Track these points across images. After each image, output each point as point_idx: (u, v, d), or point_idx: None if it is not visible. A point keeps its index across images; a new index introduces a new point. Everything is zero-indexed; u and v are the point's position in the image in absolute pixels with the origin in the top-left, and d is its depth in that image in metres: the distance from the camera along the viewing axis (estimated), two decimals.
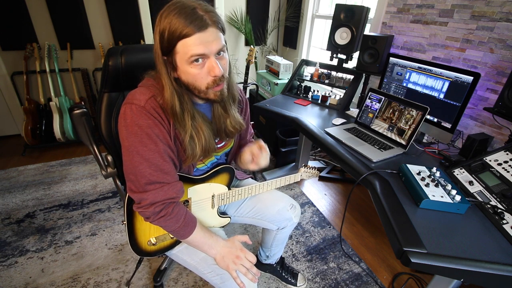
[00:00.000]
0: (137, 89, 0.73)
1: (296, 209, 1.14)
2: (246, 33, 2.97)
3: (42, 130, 2.44)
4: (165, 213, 0.74)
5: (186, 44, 0.64)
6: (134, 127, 0.68)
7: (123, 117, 0.70)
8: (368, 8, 1.77)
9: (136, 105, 0.69)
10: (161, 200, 0.72)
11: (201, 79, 0.69)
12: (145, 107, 0.69)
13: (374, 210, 1.91)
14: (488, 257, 0.73)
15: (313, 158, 2.54)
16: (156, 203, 0.72)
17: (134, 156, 0.69)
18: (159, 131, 0.71)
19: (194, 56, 0.65)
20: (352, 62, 1.95)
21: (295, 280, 1.37)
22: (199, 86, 0.70)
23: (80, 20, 2.41)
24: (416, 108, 1.27)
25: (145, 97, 0.70)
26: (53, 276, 1.37)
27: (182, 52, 0.65)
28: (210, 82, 0.70)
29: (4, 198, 1.89)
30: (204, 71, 0.68)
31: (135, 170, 0.70)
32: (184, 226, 0.78)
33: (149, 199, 0.71)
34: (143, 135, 0.69)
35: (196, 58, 0.65)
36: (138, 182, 0.71)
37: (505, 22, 1.25)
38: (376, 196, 0.97)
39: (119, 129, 0.71)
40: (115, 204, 1.87)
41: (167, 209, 0.74)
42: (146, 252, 0.90)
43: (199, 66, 0.67)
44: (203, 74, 0.68)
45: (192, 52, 0.64)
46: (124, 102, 0.71)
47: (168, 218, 0.74)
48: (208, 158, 0.93)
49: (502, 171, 0.96)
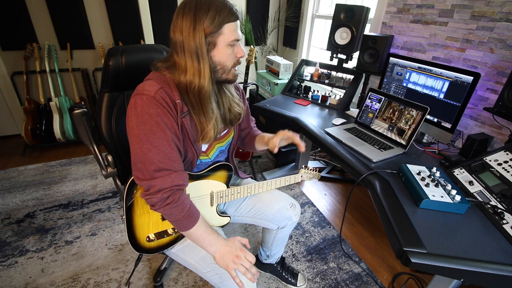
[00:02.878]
0: (146, 82, 0.77)
1: (296, 208, 1.14)
2: (246, 33, 2.97)
3: (42, 130, 2.44)
4: (172, 199, 0.75)
5: (230, 28, 0.75)
6: (145, 116, 0.72)
7: (134, 107, 0.73)
8: (368, 8, 1.77)
9: (146, 95, 0.72)
10: (169, 187, 0.74)
11: (231, 59, 0.80)
12: (155, 97, 0.72)
13: (374, 210, 1.91)
14: (488, 257, 0.73)
15: (313, 158, 2.54)
16: (164, 189, 0.73)
17: (144, 143, 0.72)
18: (168, 119, 0.74)
19: (235, 40, 0.77)
20: (352, 62, 1.95)
21: (295, 280, 1.37)
22: (228, 65, 0.80)
23: (80, 20, 2.41)
24: (416, 108, 1.27)
25: (154, 88, 0.73)
26: (53, 276, 1.37)
27: (227, 34, 0.75)
28: (235, 62, 0.82)
29: (4, 198, 1.89)
30: (234, 53, 0.80)
31: (144, 158, 0.72)
32: (188, 217, 0.78)
33: (158, 186, 0.73)
34: (153, 123, 0.72)
35: (235, 42, 0.78)
36: (147, 169, 0.73)
37: (505, 22, 1.25)
38: (376, 196, 0.97)
39: (129, 119, 0.74)
40: (115, 204, 1.87)
41: (174, 196, 0.75)
42: (145, 249, 0.90)
43: (232, 48, 0.78)
44: (233, 55, 0.80)
45: (235, 37, 0.76)
46: (134, 94, 0.75)
47: (174, 206, 0.75)
48: (211, 150, 0.94)
49: (502, 171, 0.96)
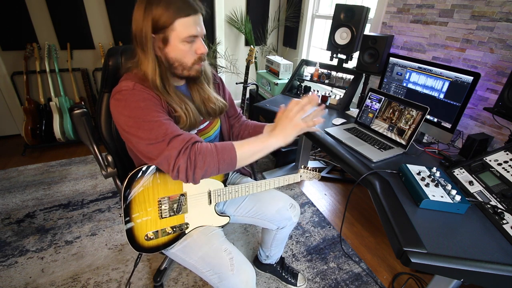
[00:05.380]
0: (120, 82, 0.78)
1: (295, 209, 1.14)
2: (246, 33, 2.97)
3: (42, 130, 2.44)
4: (195, 153, 0.70)
5: (184, 23, 0.72)
6: (131, 104, 0.72)
7: (117, 105, 0.73)
8: (368, 8, 1.77)
9: (125, 90, 0.73)
10: (184, 145, 0.70)
11: (190, 56, 0.78)
12: (135, 88, 0.74)
13: (374, 210, 1.91)
14: (488, 257, 0.73)
15: (313, 158, 2.54)
16: (181, 149, 0.70)
17: (143, 125, 0.71)
18: (156, 101, 0.76)
19: (191, 36, 0.74)
20: (352, 62, 1.95)
21: (295, 280, 1.37)
22: (186, 62, 0.78)
23: (80, 20, 2.41)
24: (416, 108, 1.27)
25: (130, 84, 0.74)
26: (53, 276, 1.37)
27: (180, 30, 0.72)
28: (196, 59, 0.79)
29: (4, 198, 1.89)
30: (192, 49, 0.77)
31: (149, 136, 0.70)
32: (223, 150, 0.73)
33: (174, 151, 0.69)
34: (143, 106, 0.72)
35: (192, 39, 0.75)
36: (156, 146, 0.70)
37: (505, 22, 1.25)
38: (376, 196, 0.97)
39: (117, 118, 0.74)
40: (115, 204, 1.87)
41: (193, 148, 0.71)
42: (144, 248, 0.90)
43: (189, 45, 0.76)
44: (191, 52, 0.77)
45: (190, 32, 0.73)
46: (111, 96, 0.75)
47: (202, 158, 0.70)
48: None
49: (502, 171, 0.95)
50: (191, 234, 0.93)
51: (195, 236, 0.92)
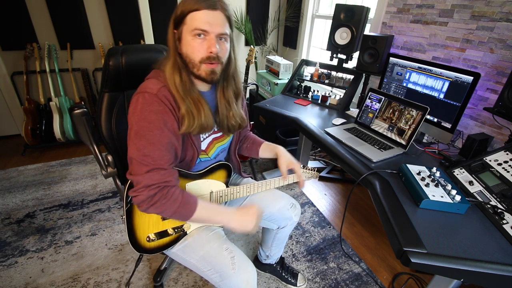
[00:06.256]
0: (149, 80, 0.78)
1: (296, 208, 1.14)
2: (246, 33, 2.97)
3: (42, 130, 2.44)
4: (160, 196, 0.72)
5: (193, 17, 0.72)
6: (145, 113, 0.73)
7: (135, 104, 0.74)
8: (368, 8, 1.77)
9: (149, 93, 0.74)
10: (156, 183, 0.72)
11: (198, 52, 0.75)
12: (158, 95, 0.74)
13: (374, 210, 1.91)
14: (488, 257, 0.73)
15: (313, 158, 2.54)
16: (151, 186, 0.72)
17: (141, 139, 0.73)
18: (168, 117, 0.75)
19: (197, 29, 0.72)
20: (352, 62, 1.95)
21: (295, 280, 1.37)
22: (194, 58, 0.76)
23: (80, 20, 2.41)
24: (416, 108, 1.27)
25: (157, 86, 0.75)
26: (53, 276, 1.37)
27: (189, 23, 0.73)
28: (204, 57, 0.75)
29: (4, 198, 1.89)
30: (203, 46, 0.74)
31: (139, 153, 0.72)
32: (184, 205, 0.76)
33: (144, 181, 0.72)
34: (153, 120, 0.73)
35: (199, 33, 0.72)
36: (139, 165, 0.73)
37: (505, 22, 1.25)
38: (376, 196, 0.97)
39: (130, 116, 0.75)
40: (115, 204, 1.87)
41: (162, 191, 0.73)
42: (145, 249, 0.90)
43: (199, 41, 0.74)
44: (201, 49, 0.74)
45: (196, 25, 0.72)
46: (136, 92, 0.76)
47: (163, 202, 0.73)
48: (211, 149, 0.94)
49: (502, 171, 0.96)
50: (192, 233, 0.93)
51: (196, 235, 0.92)
